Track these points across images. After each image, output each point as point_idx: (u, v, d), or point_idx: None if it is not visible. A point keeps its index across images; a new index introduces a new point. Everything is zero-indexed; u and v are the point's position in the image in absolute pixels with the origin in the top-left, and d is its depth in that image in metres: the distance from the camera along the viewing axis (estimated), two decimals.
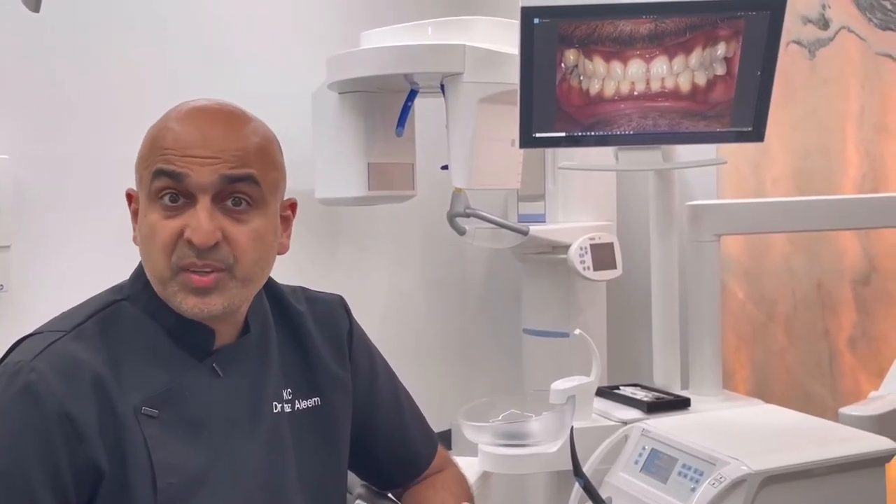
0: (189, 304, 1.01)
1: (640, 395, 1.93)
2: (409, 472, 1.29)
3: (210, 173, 1.00)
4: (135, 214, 1.06)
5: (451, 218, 2.11)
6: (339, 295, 1.27)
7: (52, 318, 1.07)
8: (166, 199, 1.01)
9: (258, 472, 1.06)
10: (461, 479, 1.33)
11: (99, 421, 0.97)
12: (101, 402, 0.97)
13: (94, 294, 1.10)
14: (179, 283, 1.01)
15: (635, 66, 1.81)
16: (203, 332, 1.05)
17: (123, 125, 2.01)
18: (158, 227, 1.00)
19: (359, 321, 1.26)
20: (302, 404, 1.14)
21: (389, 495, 1.31)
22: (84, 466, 0.96)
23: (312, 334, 1.18)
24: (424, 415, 1.33)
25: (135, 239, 1.06)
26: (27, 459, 0.94)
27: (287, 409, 1.12)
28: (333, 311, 1.23)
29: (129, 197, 1.08)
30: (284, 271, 1.22)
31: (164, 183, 1.00)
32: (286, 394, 1.12)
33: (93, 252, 1.99)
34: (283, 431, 1.10)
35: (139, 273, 1.08)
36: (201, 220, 0.99)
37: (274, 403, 1.10)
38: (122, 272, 1.14)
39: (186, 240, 0.99)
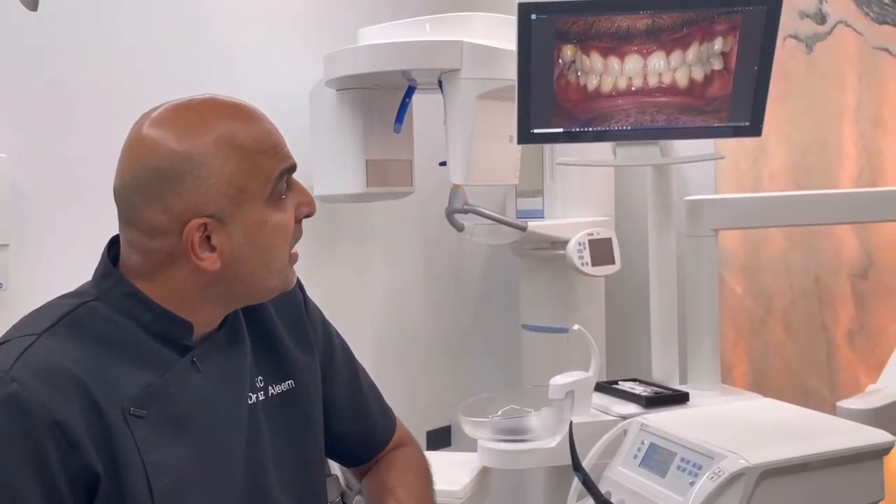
0: (293, 276, 1.10)
1: (638, 389, 1.94)
2: (371, 447, 1.29)
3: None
4: (205, 242, 1.00)
5: (450, 214, 2.12)
6: None
7: (11, 326, 1.01)
8: (284, 192, 1.05)
9: (241, 464, 1.06)
10: (420, 454, 1.33)
11: (86, 424, 0.93)
12: (86, 405, 0.94)
13: None
14: (291, 261, 1.08)
15: (633, 62, 1.81)
16: (182, 326, 1.03)
17: (122, 124, 2.01)
18: (287, 221, 1.05)
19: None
20: (276, 389, 1.14)
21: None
22: (79, 473, 0.93)
23: (274, 319, 1.18)
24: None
25: (216, 267, 1.01)
26: (18, 473, 0.90)
27: (261, 396, 1.12)
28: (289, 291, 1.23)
29: (202, 227, 0.99)
30: None
31: (286, 178, 1.05)
32: (259, 382, 1.12)
33: (91, 250, 1.99)
34: (260, 421, 1.11)
35: (105, 272, 1.05)
36: (309, 193, 1.09)
37: (249, 395, 1.10)
38: None
39: (302, 217, 1.07)
